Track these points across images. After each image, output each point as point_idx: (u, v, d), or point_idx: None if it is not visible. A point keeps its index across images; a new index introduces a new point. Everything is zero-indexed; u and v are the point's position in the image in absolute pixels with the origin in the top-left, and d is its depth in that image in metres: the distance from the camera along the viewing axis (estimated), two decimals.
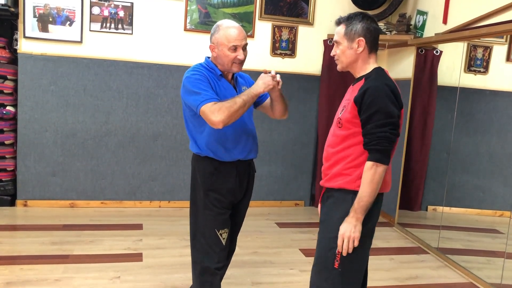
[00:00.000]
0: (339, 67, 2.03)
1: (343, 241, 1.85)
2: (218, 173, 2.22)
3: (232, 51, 2.15)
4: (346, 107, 1.93)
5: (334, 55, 2.01)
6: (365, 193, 1.82)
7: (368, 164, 1.82)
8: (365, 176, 1.83)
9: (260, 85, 2.12)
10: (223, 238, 2.25)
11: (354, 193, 1.86)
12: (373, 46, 1.96)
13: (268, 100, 2.37)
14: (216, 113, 2.01)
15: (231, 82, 2.29)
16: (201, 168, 2.25)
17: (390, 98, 1.83)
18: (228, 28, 2.16)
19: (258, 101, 2.39)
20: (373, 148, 1.82)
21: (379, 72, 1.94)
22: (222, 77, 2.23)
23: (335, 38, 2.00)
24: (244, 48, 2.19)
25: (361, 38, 1.91)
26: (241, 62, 2.19)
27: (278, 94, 2.24)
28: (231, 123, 2.10)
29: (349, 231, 1.83)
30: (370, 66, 1.97)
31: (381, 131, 1.81)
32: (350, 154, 1.90)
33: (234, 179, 2.25)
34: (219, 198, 2.23)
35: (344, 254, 1.86)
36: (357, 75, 1.99)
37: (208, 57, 2.28)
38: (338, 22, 1.99)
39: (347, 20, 1.95)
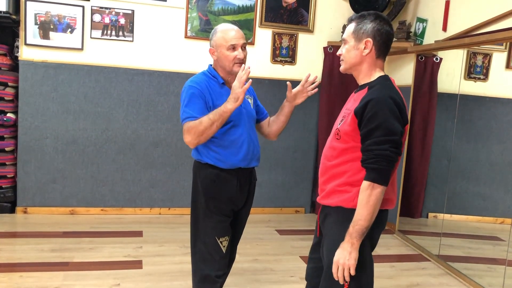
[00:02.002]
0: (341, 68, 1.88)
1: (337, 268, 1.72)
2: (219, 181, 2.21)
3: (231, 50, 2.17)
4: (345, 118, 1.79)
5: (340, 54, 1.87)
6: (360, 216, 1.67)
7: (365, 184, 1.68)
8: (361, 197, 1.69)
9: (230, 101, 2.06)
10: (224, 246, 2.24)
11: (353, 211, 1.73)
12: (381, 50, 1.80)
13: (267, 119, 2.43)
14: (186, 133, 2.09)
15: None
16: (202, 175, 2.25)
17: (394, 113, 1.68)
18: (225, 29, 2.20)
19: (258, 118, 2.42)
20: (370, 167, 1.68)
21: (384, 82, 1.78)
22: (224, 85, 2.24)
23: (343, 35, 1.86)
24: (243, 48, 2.20)
25: (369, 39, 1.77)
26: (241, 61, 2.19)
27: (292, 105, 2.30)
28: (235, 131, 2.16)
29: (343, 259, 1.70)
30: (376, 73, 1.82)
31: (380, 148, 1.66)
32: (348, 170, 1.77)
33: (235, 187, 2.24)
34: (220, 206, 2.23)
35: (341, 282, 1.72)
36: (361, 82, 1.85)
37: (211, 65, 2.30)
38: (350, 20, 1.85)
39: (359, 18, 1.81)
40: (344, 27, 4.64)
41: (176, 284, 3.08)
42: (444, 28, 4.07)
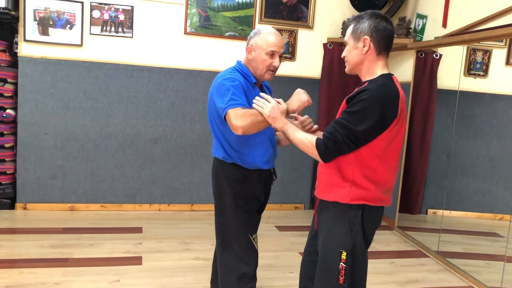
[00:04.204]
0: (346, 69, 1.91)
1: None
2: (246, 181, 2.20)
3: (269, 56, 2.14)
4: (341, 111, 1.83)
5: (343, 56, 1.89)
6: (291, 135, 1.89)
7: (312, 141, 1.78)
8: (303, 139, 1.83)
9: (294, 103, 2.05)
10: (256, 242, 2.24)
11: (349, 206, 1.78)
12: (382, 46, 1.80)
13: None
14: (239, 118, 1.96)
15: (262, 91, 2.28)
16: (228, 174, 2.21)
17: (379, 109, 1.68)
18: (269, 33, 2.17)
19: None
20: (324, 138, 1.75)
21: (384, 80, 1.77)
22: (255, 86, 2.21)
23: (344, 38, 1.89)
24: (281, 56, 2.19)
25: (366, 37, 1.78)
26: (275, 70, 2.18)
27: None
28: (263, 133, 2.13)
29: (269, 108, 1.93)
30: (378, 70, 1.81)
31: (338, 131, 1.71)
32: (340, 164, 1.79)
33: (260, 186, 2.26)
34: (248, 204, 2.22)
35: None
36: (363, 79, 1.85)
37: (240, 61, 2.25)
38: (348, 22, 1.88)
39: (356, 18, 1.83)
40: (344, 23, 4.64)
41: (176, 280, 3.09)
42: (444, 25, 4.06)
